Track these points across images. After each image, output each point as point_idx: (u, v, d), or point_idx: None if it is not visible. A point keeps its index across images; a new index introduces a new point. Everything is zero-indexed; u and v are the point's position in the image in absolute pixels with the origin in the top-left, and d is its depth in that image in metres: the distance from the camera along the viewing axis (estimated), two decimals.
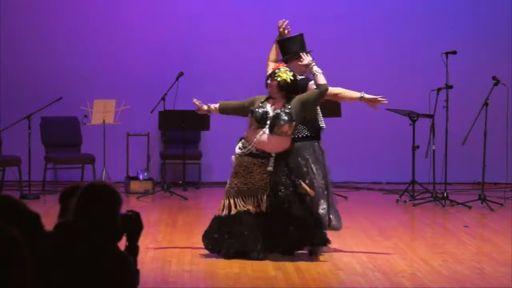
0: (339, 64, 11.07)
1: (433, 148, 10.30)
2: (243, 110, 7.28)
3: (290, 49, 7.43)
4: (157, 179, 11.42)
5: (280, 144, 7.09)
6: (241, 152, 7.17)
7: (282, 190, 7.03)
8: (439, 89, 10.20)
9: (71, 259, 3.52)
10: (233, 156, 7.26)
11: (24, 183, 10.67)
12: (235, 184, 7.16)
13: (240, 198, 7.13)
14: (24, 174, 10.68)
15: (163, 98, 10.64)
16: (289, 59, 7.39)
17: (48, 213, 4.20)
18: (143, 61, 11.82)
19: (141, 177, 11.06)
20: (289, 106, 7.08)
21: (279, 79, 7.11)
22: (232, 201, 7.14)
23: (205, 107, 7.37)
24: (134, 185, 10.95)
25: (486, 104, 9.91)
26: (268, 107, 7.14)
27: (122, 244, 3.86)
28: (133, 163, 11.43)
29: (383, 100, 7.34)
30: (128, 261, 3.61)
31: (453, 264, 6.98)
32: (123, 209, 3.81)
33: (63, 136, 11.32)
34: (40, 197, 10.44)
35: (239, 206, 7.11)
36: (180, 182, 11.41)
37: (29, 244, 3.04)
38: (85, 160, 11.17)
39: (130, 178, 11.06)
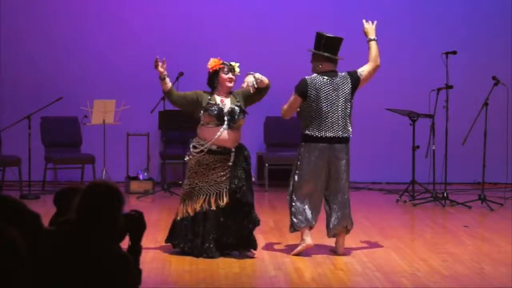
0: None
1: (433, 148, 10.30)
2: (191, 103, 7.32)
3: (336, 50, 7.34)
4: (157, 179, 11.42)
5: (237, 137, 7.29)
6: (199, 151, 7.22)
7: (236, 183, 7.16)
8: (439, 89, 10.21)
9: (71, 259, 3.52)
10: (187, 157, 7.33)
11: (24, 183, 10.67)
12: (196, 183, 7.25)
13: (202, 196, 7.21)
14: (24, 174, 10.69)
15: (163, 98, 10.62)
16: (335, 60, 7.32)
17: (48, 213, 4.20)
18: (143, 61, 11.79)
19: (141, 177, 11.06)
20: (238, 100, 7.29)
21: (237, 74, 7.37)
22: (195, 201, 7.22)
23: (161, 69, 7.53)
24: (134, 185, 10.96)
25: (486, 104, 9.91)
26: (220, 103, 7.27)
27: (125, 244, 3.85)
28: (133, 163, 11.43)
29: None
30: (128, 261, 3.61)
31: (453, 264, 6.98)
32: (125, 210, 3.80)
33: (63, 136, 11.33)
34: (40, 197, 10.43)
35: (203, 205, 7.19)
36: (180, 182, 11.38)
37: (29, 244, 3.05)
38: (85, 160, 11.17)
39: (130, 178, 11.06)
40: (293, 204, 7.25)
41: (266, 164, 11.42)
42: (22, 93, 11.61)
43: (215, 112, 7.21)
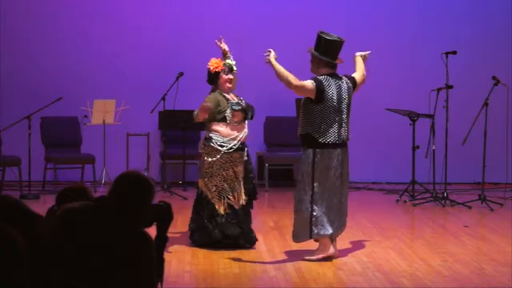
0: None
1: (433, 148, 10.30)
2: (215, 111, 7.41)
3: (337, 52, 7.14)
4: (157, 179, 11.42)
5: None
6: (230, 148, 7.36)
7: (254, 180, 7.58)
8: (439, 89, 10.20)
9: (95, 232, 3.59)
10: (211, 158, 7.36)
11: (24, 183, 10.67)
12: (231, 180, 7.39)
13: (236, 192, 7.40)
14: (24, 174, 10.68)
15: (163, 98, 10.63)
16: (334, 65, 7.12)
17: None
18: (143, 61, 11.82)
19: None
20: (240, 98, 7.56)
21: (235, 72, 7.57)
22: (232, 196, 7.40)
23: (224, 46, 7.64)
24: None
25: (486, 104, 9.91)
26: (237, 101, 7.48)
27: (152, 234, 3.92)
28: (133, 163, 11.43)
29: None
30: (150, 240, 3.70)
31: (453, 264, 6.98)
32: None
33: (63, 136, 11.33)
34: (40, 197, 10.43)
35: (239, 200, 7.39)
36: (180, 182, 11.41)
37: (29, 244, 3.05)
38: (85, 160, 11.17)
39: None
40: (314, 213, 6.93)
41: (266, 164, 11.42)
42: (22, 93, 11.61)
43: (242, 110, 7.42)
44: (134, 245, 3.61)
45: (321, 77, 7.00)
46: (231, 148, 7.34)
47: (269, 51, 7.09)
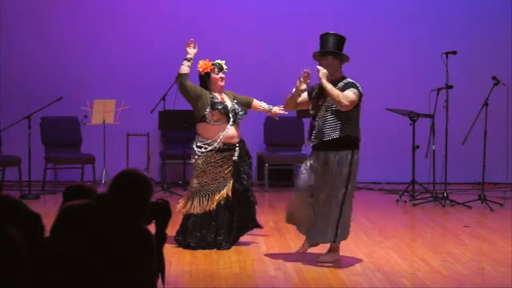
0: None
1: (433, 148, 10.30)
2: (197, 95, 7.44)
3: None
4: (157, 179, 11.42)
5: (239, 132, 7.51)
6: (209, 150, 7.37)
7: (246, 179, 7.47)
8: (439, 89, 10.21)
9: (96, 229, 3.58)
10: (193, 160, 7.47)
11: (24, 183, 10.67)
12: (205, 182, 7.42)
13: (212, 194, 7.41)
14: (24, 174, 10.68)
15: (163, 98, 10.63)
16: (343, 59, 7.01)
17: (48, 213, 4.20)
18: (143, 61, 11.82)
19: None
20: (233, 98, 7.55)
21: (226, 70, 7.55)
22: (206, 200, 7.41)
23: (195, 50, 7.68)
24: None
25: (486, 104, 9.91)
26: (221, 101, 7.45)
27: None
28: (133, 163, 11.43)
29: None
30: (150, 236, 3.69)
31: (453, 264, 6.99)
32: None
33: (63, 136, 11.33)
34: (40, 197, 10.43)
35: (213, 202, 7.40)
36: (180, 182, 11.40)
37: (29, 244, 3.05)
38: (85, 160, 11.17)
39: None
40: (342, 216, 6.85)
41: (266, 164, 11.41)
42: (22, 93, 11.61)
43: (225, 110, 7.39)
44: (135, 243, 3.61)
45: (352, 80, 6.91)
46: (208, 148, 7.37)
47: (318, 69, 6.81)
